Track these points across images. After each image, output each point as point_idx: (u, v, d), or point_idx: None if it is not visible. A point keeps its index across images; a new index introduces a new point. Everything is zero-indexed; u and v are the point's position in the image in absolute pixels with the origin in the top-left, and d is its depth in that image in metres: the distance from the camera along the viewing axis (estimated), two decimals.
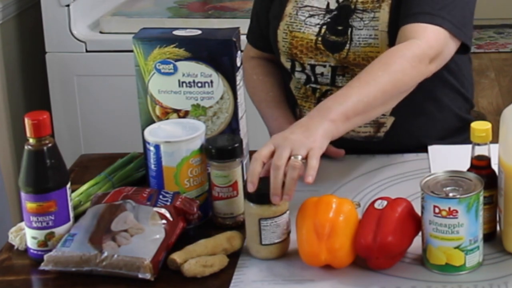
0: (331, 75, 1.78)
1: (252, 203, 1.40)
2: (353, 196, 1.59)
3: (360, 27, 1.75)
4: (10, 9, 2.87)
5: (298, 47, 1.80)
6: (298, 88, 1.85)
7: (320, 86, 1.80)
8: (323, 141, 1.45)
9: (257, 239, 1.40)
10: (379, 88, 1.54)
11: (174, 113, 1.62)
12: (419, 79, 1.62)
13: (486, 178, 1.38)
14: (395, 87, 1.57)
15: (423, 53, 1.61)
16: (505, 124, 1.39)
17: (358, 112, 1.51)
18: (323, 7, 1.80)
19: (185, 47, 1.58)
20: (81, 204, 1.55)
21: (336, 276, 1.37)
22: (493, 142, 1.42)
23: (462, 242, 1.34)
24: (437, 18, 1.66)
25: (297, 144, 1.42)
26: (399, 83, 1.57)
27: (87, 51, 2.82)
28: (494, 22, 5.54)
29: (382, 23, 1.73)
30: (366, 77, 1.55)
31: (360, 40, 1.75)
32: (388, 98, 1.57)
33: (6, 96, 2.84)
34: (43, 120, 1.39)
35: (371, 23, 1.74)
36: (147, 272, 1.35)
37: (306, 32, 1.79)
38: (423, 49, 1.61)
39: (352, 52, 1.75)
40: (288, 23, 1.81)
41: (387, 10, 1.73)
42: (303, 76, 1.82)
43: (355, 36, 1.75)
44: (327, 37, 1.78)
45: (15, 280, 1.40)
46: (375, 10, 1.74)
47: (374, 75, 1.55)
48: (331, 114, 1.47)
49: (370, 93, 1.53)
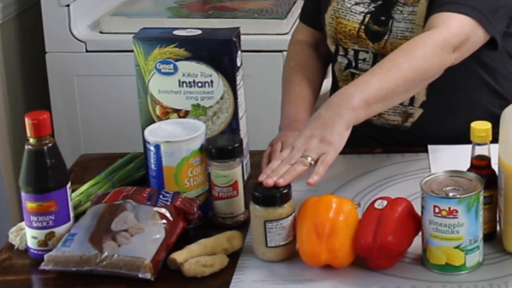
0: (373, 61, 1.81)
1: (257, 206, 1.40)
2: (353, 196, 1.59)
3: (400, 20, 1.77)
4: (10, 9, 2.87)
5: (342, 32, 1.83)
6: (341, 71, 1.87)
7: (359, 72, 1.82)
8: (342, 138, 1.46)
9: (263, 241, 1.40)
10: (401, 75, 1.54)
11: (174, 113, 1.62)
12: (442, 66, 1.62)
13: (486, 178, 1.38)
14: (417, 74, 1.56)
15: (446, 41, 1.60)
16: (505, 124, 1.39)
17: (380, 99, 1.52)
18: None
19: (185, 47, 1.58)
20: (81, 204, 1.55)
21: (336, 276, 1.37)
22: (493, 142, 1.42)
23: (462, 242, 1.34)
24: (463, 6, 1.65)
25: (311, 146, 1.44)
26: (421, 70, 1.57)
27: (87, 51, 2.82)
28: None
29: (419, 17, 1.75)
30: (388, 64, 1.56)
31: (398, 32, 1.77)
32: (410, 85, 1.57)
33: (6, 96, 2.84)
34: (43, 120, 1.39)
35: (409, 17, 1.76)
36: (147, 272, 1.35)
37: (351, 20, 1.82)
38: (445, 36, 1.60)
39: (389, 43, 1.78)
40: (335, 8, 1.84)
41: (425, 5, 1.75)
42: (344, 60, 1.85)
43: (394, 28, 1.77)
44: (370, 26, 1.80)
45: (15, 280, 1.40)
46: (414, 4, 1.76)
47: (396, 62, 1.56)
48: (352, 101, 1.48)
49: (392, 80, 1.53)
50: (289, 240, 1.41)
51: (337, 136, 1.46)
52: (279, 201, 1.39)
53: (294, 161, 1.44)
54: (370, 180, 1.66)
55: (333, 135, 1.46)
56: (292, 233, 1.41)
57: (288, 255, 1.41)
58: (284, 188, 1.40)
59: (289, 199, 1.40)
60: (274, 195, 1.39)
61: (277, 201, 1.39)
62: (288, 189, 1.40)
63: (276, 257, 1.41)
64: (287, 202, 1.40)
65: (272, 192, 1.39)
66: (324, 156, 1.44)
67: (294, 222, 1.41)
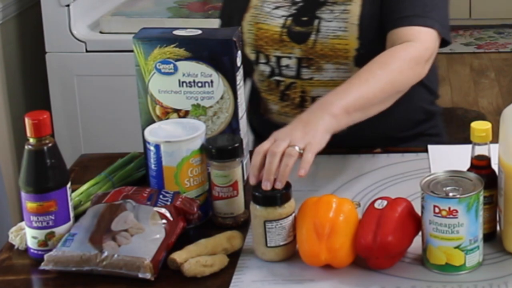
0: (297, 67, 1.80)
1: (258, 205, 1.40)
2: (353, 196, 1.60)
3: (330, 19, 1.77)
4: (10, 9, 2.87)
5: (263, 38, 1.82)
6: (261, 80, 1.86)
7: (284, 78, 1.82)
8: (324, 136, 1.48)
9: (263, 241, 1.40)
10: (378, 86, 1.58)
11: (174, 113, 1.62)
12: (415, 80, 1.67)
13: (486, 178, 1.38)
14: (392, 86, 1.61)
15: (420, 55, 1.66)
16: (505, 124, 1.39)
17: (359, 107, 1.55)
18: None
19: (185, 47, 1.58)
20: (81, 204, 1.55)
21: (336, 276, 1.37)
22: (493, 142, 1.42)
23: (462, 242, 1.34)
24: (429, 20, 1.71)
25: (297, 138, 1.45)
26: (397, 82, 1.62)
27: (87, 51, 2.82)
28: (494, 22, 5.54)
29: (353, 16, 1.76)
30: (366, 75, 1.59)
31: (329, 32, 1.77)
32: (386, 96, 1.61)
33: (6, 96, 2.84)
34: (43, 120, 1.39)
35: (341, 16, 1.77)
36: (147, 271, 1.35)
37: (272, 24, 1.81)
38: (420, 51, 1.66)
39: (319, 43, 1.77)
40: (253, 14, 1.83)
41: (359, 4, 1.77)
42: (267, 68, 1.84)
43: (323, 28, 1.77)
44: (292, 29, 1.80)
45: (15, 280, 1.40)
46: (347, 3, 1.77)
47: (373, 73, 1.59)
48: (332, 108, 1.51)
49: (369, 90, 1.56)
50: (289, 240, 1.41)
51: (319, 134, 1.47)
52: (279, 201, 1.39)
53: (280, 149, 1.43)
54: (370, 180, 1.66)
55: (315, 131, 1.47)
56: (292, 233, 1.41)
57: (288, 255, 1.41)
58: (284, 188, 1.40)
59: (289, 199, 1.40)
60: (274, 195, 1.39)
61: (277, 201, 1.39)
62: (288, 189, 1.40)
63: (276, 257, 1.41)
64: (287, 202, 1.40)
65: (272, 192, 1.39)
66: (309, 146, 1.44)
67: (294, 222, 1.41)
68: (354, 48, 1.76)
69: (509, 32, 5.50)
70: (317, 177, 1.68)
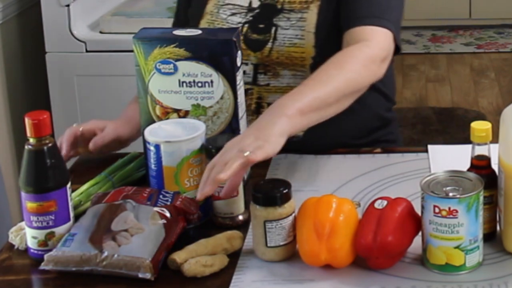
0: (253, 73, 1.79)
1: (258, 205, 1.39)
2: (353, 196, 1.59)
3: (286, 27, 1.76)
4: (11, 9, 2.87)
5: None
6: None
7: None
8: (278, 140, 1.44)
9: (263, 241, 1.40)
10: (334, 86, 1.56)
11: (174, 113, 1.62)
12: (371, 79, 1.65)
13: (486, 178, 1.38)
14: (348, 86, 1.59)
15: (375, 55, 1.65)
16: (505, 124, 1.39)
17: (314, 108, 1.52)
18: (245, 5, 1.81)
19: (185, 47, 1.58)
20: (81, 204, 1.55)
21: (336, 276, 1.37)
22: (493, 142, 1.42)
23: (462, 242, 1.34)
24: (383, 21, 1.70)
25: (246, 144, 1.41)
26: (353, 82, 1.60)
27: (87, 51, 2.82)
28: (494, 22, 5.54)
29: (309, 24, 1.75)
30: (320, 76, 1.58)
31: (285, 39, 1.76)
32: (341, 96, 1.58)
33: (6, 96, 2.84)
34: (43, 120, 1.39)
35: (298, 23, 1.76)
36: (147, 272, 1.35)
37: None
38: (374, 50, 1.65)
39: (275, 51, 1.76)
40: (209, 21, 1.82)
41: (315, 12, 1.75)
42: None
43: (279, 35, 1.76)
44: (249, 36, 1.79)
45: (15, 280, 1.40)
46: (303, 11, 1.76)
47: (328, 74, 1.58)
48: (286, 110, 1.48)
49: (324, 91, 1.55)
50: (289, 240, 1.41)
51: (272, 137, 1.43)
52: (279, 201, 1.39)
53: (224, 159, 1.39)
54: (370, 180, 1.66)
55: (268, 136, 1.43)
56: (292, 233, 1.41)
57: (288, 255, 1.41)
58: (284, 188, 1.40)
59: (289, 199, 1.40)
60: (274, 195, 1.39)
61: (277, 201, 1.39)
62: (288, 189, 1.40)
63: (276, 257, 1.41)
64: (287, 202, 1.40)
65: (272, 192, 1.39)
66: (260, 148, 1.40)
67: (294, 222, 1.40)
68: (311, 56, 1.75)
69: (509, 32, 5.50)
70: (317, 177, 1.68)
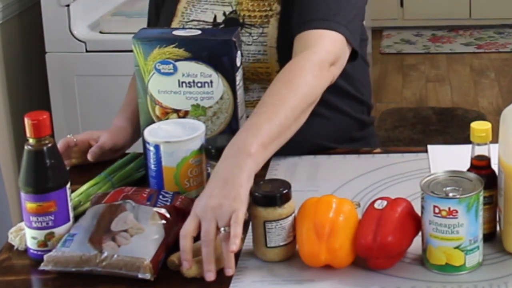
0: None
1: (258, 206, 1.39)
2: (353, 196, 1.59)
3: (249, 43, 1.72)
4: (11, 9, 2.87)
5: None
6: None
7: None
8: (245, 189, 1.39)
9: (263, 241, 1.40)
10: (288, 106, 1.49)
11: (174, 113, 1.62)
12: (324, 86, 1.59)
13: (486, 178, 1.38)
14: (302, 101, 1.53)
15: (322, 60, 1.58)
16: (505, 124, 1.39)
17: (274, 137, 1.46)
18: (210, 21, 1.77)
19: (185, 47, 1.58)
20: (81, 204, 1.55)
21: (336, 276, 1.37)
22: (493, 142, 1.42)
23: (462, 242, 1.34)
24: (331, 23, 1.63)
25: (219, 212, 1.35)
26: (306, 96, 1.54)
27: (87, 51, 2.82)
28: (494, 22, 5.54)
29: (270, 39, 1.71)
30: (271, 99, 1.51)
31: (250, 56, 1.72)
32: (299, 113, 1.52)
33: (6, 96, 2.84)
34: (43, 120, 1.39)
35: (259, 39, 1.72)
36: (147, 272, 1.35)
37: None
38: (321, 55, 1.59)
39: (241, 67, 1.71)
40: None
41: (275, 26, 1.71)
42: None
43: (244, 52, 1.71)
44: None
45: (15, 280, 1.40)
46: (264, 26, 1.72)
47: (279, 95, 1.51)
48: (248, 147, 1.42)
49: (281, 115, 1.48)
50: (289, 241, 1.40)
51: (240, 189, 1.38)
52: (279, 202, 1.39)
53: (212, 236, 1.34)
54: (370, 180, 1.66)
55: (236, 189, 1.37)
56: (292, 234, 1.40)
57: (288, 255, 1.41)
58: (284, 188, 1.40)
59: (289, 199, 1.40)
60: (274, 195, 1.39)
61: (277, 202, 1.39)
62: (288, 189, 1.40)
63: (276, 258, 1.41)
64: (287, 203, 1.39)
65: (272, 193, 1.39)
66: (235, 216, 1.35)
67: (294, 223, 1.40)
68: (276, 70, 1.69)
69: (509, 32, 5.50)
70: (317, 177, 1.67)
